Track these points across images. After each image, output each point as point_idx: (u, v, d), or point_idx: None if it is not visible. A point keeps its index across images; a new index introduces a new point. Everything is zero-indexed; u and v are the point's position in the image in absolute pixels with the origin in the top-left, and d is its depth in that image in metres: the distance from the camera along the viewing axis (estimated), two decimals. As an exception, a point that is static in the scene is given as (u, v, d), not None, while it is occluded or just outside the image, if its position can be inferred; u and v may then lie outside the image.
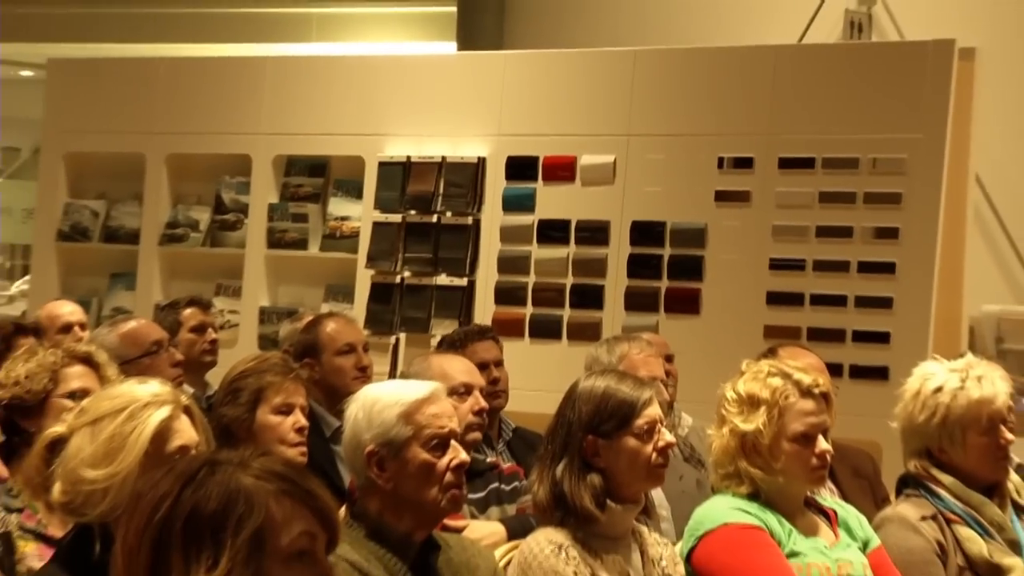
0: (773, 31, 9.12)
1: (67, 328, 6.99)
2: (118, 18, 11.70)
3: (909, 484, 4.89)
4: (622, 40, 9.31)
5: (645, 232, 8.18)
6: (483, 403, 5.67)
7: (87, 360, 4.73)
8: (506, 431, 6.41)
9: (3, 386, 4.55)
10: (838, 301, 7.73)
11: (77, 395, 4.31)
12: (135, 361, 6.18)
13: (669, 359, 6.65)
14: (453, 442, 4.00)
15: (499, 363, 6.53)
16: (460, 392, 5.33)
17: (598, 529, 4.24)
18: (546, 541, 4.19)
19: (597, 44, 9.23)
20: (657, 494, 5.11)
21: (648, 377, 5.16)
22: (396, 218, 8.72)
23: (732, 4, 9.62)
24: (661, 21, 9.70)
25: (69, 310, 7.39)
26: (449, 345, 6.51)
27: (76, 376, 4.63)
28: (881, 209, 7.66)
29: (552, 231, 8.39)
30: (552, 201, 8.39)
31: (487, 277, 8.48)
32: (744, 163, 8.00)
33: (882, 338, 7.56)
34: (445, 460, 3.97)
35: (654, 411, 4.33)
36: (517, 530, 4.93)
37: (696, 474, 5.96)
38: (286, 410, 5.20)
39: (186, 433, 3.76)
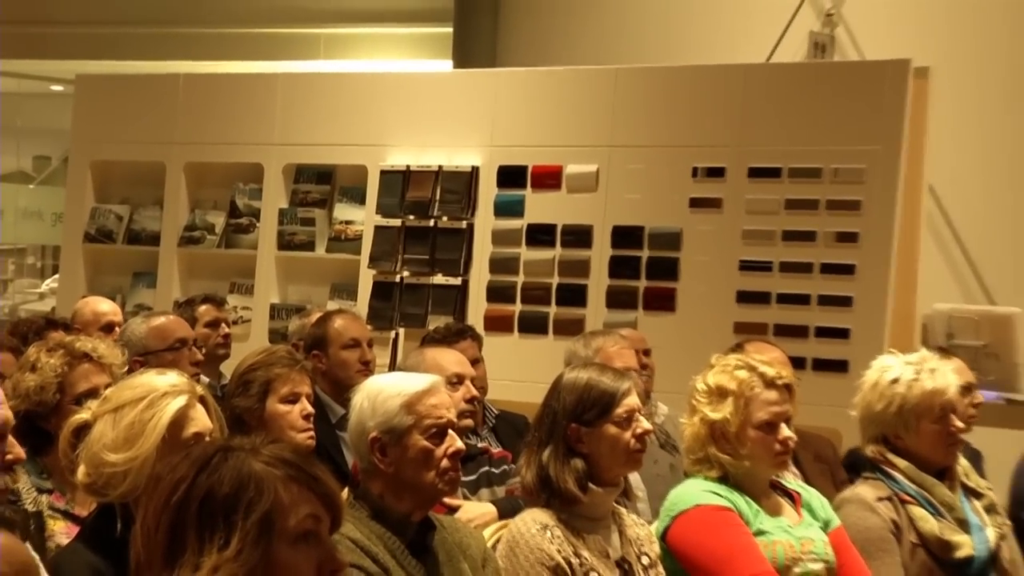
0: (743, 51, 9.11)
1: (109, 327, 6.96)
2: (141, 37, 11.68)
3: (866, 467, 4.89)
4: (604, 59, 9.31)
5: (625, 236, 8.17)
6: (474, 391, 5.67)
7: (88, 357, 4.70)
8: (490, 417, 6.40)
9: (16, 397, 4.52)
10: (802, 300, 7.72)
11: (85, 397, 4.27)
12: (158, 354, 6.17)
13: (646, 353, 6.65)
14: (450, 431, 4.00)
15: (477, 360, 6.51)
16: (453, 382, 5.32)
17: (581, 510, 4.25)
18: (532, 521, 4.19)
19: (581, 62, 9.23)
20: (634, 477, 5.12)
21: (622, 366, 5.18)
22: (396, 222, 8.71)
23: (705, 25, 9.62)
24: (640, 41, 9.69)
25: (108, 308, 7.38)
26: (433, 342, 6.49)
27: (82, 377, 4.59)
28: (842, 215, 7.65)
29: (540, 234, 8.37)
30: (540, 207, 8.38)
31: (480, 277, 8.47)
32: (716, 172, 7.99)
33: (842, 334, 7.56)
34: (443, 447, 3.96)
35: (633, 401, 4.34)
36: (506, 510, 4.93)
37: (670, 459, 5.96)
38: (293, 399, 5.20)
39: (201, 421, 3.76)
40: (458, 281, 8.54)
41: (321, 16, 11.19)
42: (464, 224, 8.57)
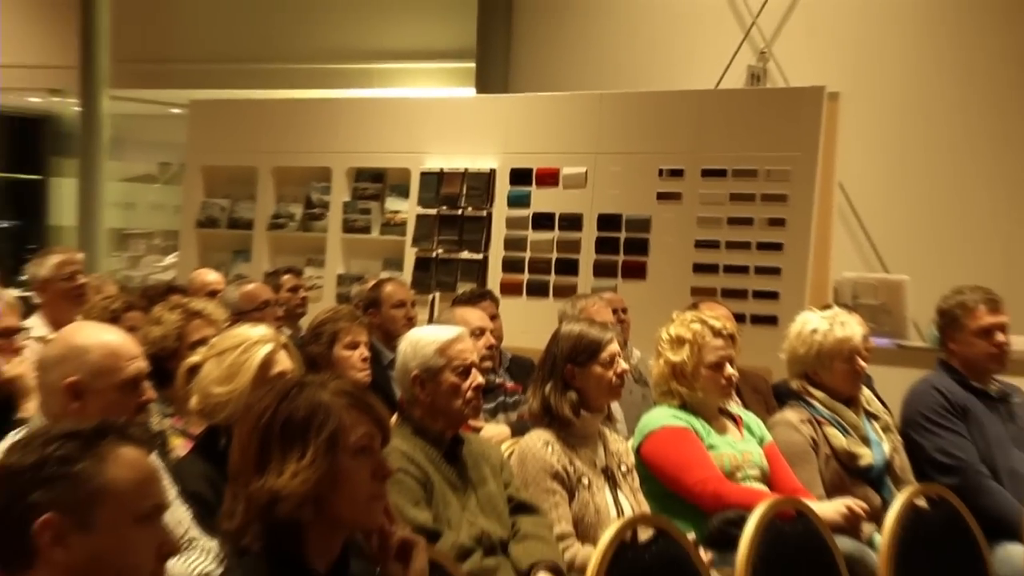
0: (697, 80, 9.07)
1: (214, 292, 6.95)
2: (238, 72, 11.68)
3: (791, 397, 4.88)
4: (591, 86, 9.27)
5: (607, 222, 8.12)
6: (492, 340, 5.69)
7: (199, 314, 4.71)
8: (504, 360, 6.40)
9: (146, 344, 4.52)
10: (742, 270, 7.68)
11: (197, 345, 4.26)
12: (249, 313, 6.18)
13: (624, 311, 6.64)
14: (474, 370, 4.00)
15: (494, 317, 6.51)
16: (476, 333, 5.32)
17: (574, 430, 4.25)
18: (537, 438, 4.20)
19: (574, 89, 9.19)
20: (615, 405, 5.09)
21: (600, 321, 5.18)
22: (433, 211, 8.67)
23: (668, 61, 9.57)
24: (620, 72, 9.65)
25: (214, 278, 7.39)
26: (464, 302, 6.50)
27: (195, 329, 4.57)
28: (772, 205, 7.61)
29: (542, 221, 8.33)
30: (542, 200, 8.34)
31: (496, 253, 8.44)
32: (677, 173, 7.93)
33: (773, 295, 7.52)
34: (468, 382, 3.96)
35: (614, 347, 4.34)
36: (517, 430, 4.92)
37: (642, 391, 5.94)
38: (354, 346, 5.19)
39: (284, 363, 3.75)
40: (480, 256, 8.50)
41: (375, 55, 11.20)
42: (484, 213, 8.52)
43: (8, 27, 12.71)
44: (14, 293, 5.29)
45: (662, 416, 4.53)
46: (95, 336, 3.36)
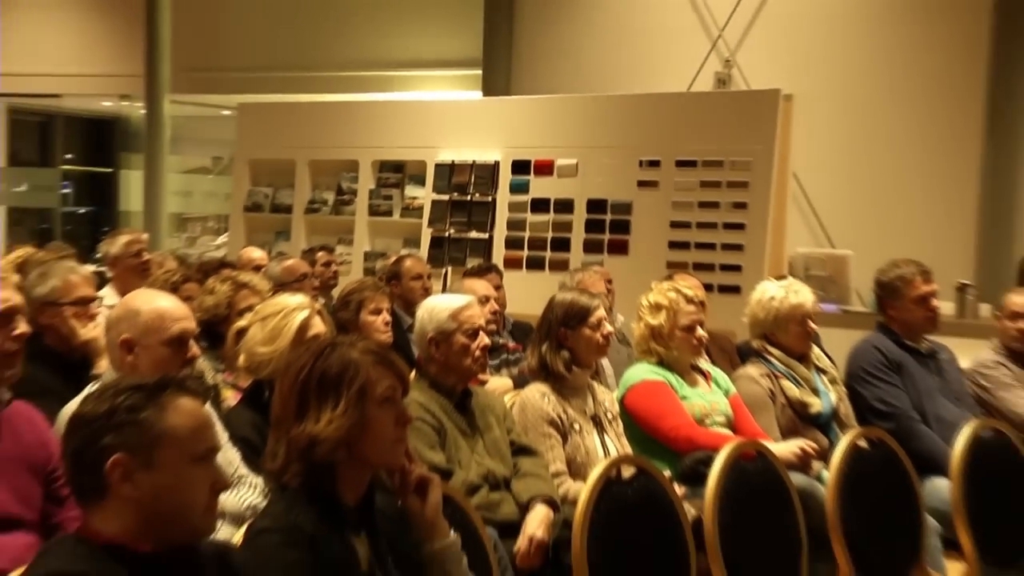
0: (672, 83, 9.08)
1: (258, 267, 6.95)
2: (280, 79, 11.65)
3: (752, 355, 4.87)
4: (582, 89, 9.28)
5: (595, 205, 8.10)
6: (497, 307, 5.68)
7: (246, 286, 4.71)
8: (508, 323, 6.40)
9: (200, 311, 4.52)
10: (710, 247, 7.67)
11: (244, 311, 4.26)
12: (289, 284, 6.17)
13: (609, 282, 6.62)
14: (481, 332, 3.99)
15: (499, 287, 6.50)
16: (483, 301, 5.29)
17: (567, 383, 4.23)
18: (535, 390, 4.19)
19: (567, 91, 9.19)
20: (605, 362, 5.10)
21: (595, 292, 5.16)
22: (445, 197, 8.64)
23: (646, 68, 9.55)
24: (605, 78, 9.63)
25: (259, 255, 7.38)
26: (472, 274, 6.49)
27: (242, 298, 4.58)
28: (736, 191, 7.61)
29: (539, 205, 8.30)
30: (539, 187, 8.31)
31: (500, 233, 8.42)
32: (654, 164, 7.92)
33: (736, 268, 7.52)
34: (476, 343, 3.95)
35: (600, 312, 4.33)
36: (518, 383, 4.92)
37: (627, 351, 5.93)
38: (377, 312, 5.18)
39: (318, 327, 3.75)
40: (486, 236, 8.48)
41: (396, 64, 11.16)
42: (490, 198, 8.50)
43: (84, 42, 12.79)
44: (90, 268, 5.28)
45: (642, 371, 4.52)
46: (147, 301, 3.36)
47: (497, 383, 5.08)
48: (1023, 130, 8.54)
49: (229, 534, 3.05)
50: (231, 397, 4.15)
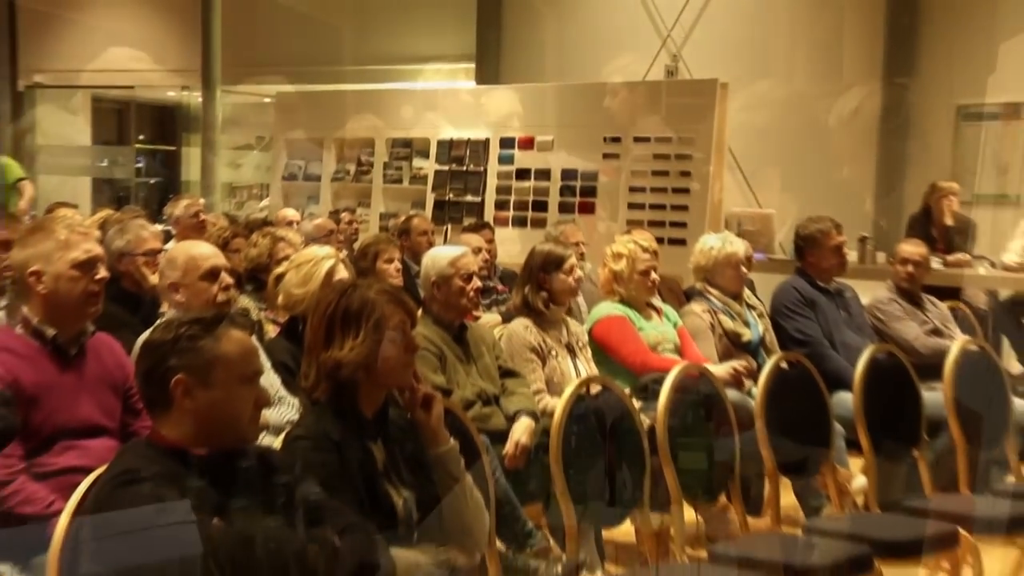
0: (630, 74, 9.00)
1: (291, 223, 6.89)
2: (311, 72, 11.53)
3: (695, 294, 4.86)
4: (557, 78, 9.26)
5: (568, 174, 8.07)
6: (488, 257, 5.65)
7: (283, 240, 4.69)
8: (497, 270, 6.37)
9: (246, 260, 4.52)
10: (661, 207, 7.66)
11: (281, 261, 4.24)
12: (319, 239, 6.11)
13: (581, 243, 6.59)
14: (474, 277, 3.96)
15: (490, 241, 6.46)
16: (476, 252, 5.26)
17: (545, 318, 4.20)
18: (519, 324, 4.17)
19: (546, 80, 9.17)
20: (580, 300, 5.09)
21: (572, 242, 5.15)
22: (446, 168, 8.59)
23: (609, 60, 9.44)
24: (576, 68, 9.53)
25: (294, 215, 7.33)
26: (468, 230, 6.46)
27: (280, 250, 4.60)
28: (682, 162, 7.60)
29: (522, 174, 8.26)
30: (523, 159, 8.27)
31: (491, 197, 8.38)
32: (616, 140, 7.88)
33: (682, 225, 7.51)
34: (471, 285, 3.93)
35: (573, 261, 4.29)
36: (505, 319, 4.88)
37: (593, 290, 5.91)
38: (390, 260, 5.12)
39: (342, 272, 3.73)
40: (479, 199, 8.43)
41: (403, 59, 11.07)
42: (482, 169, 8.44)
43: (151, 44, 12.76)
44: (158, 226, 5.23)
45: (606, 308, 4.50)
46: (184, 249, 3.42)
47: (488, 319, 5.05)
48: (913, 110, 8.57)
49: (271, 442, 3.04)
50: (272, 330, 4.13)
